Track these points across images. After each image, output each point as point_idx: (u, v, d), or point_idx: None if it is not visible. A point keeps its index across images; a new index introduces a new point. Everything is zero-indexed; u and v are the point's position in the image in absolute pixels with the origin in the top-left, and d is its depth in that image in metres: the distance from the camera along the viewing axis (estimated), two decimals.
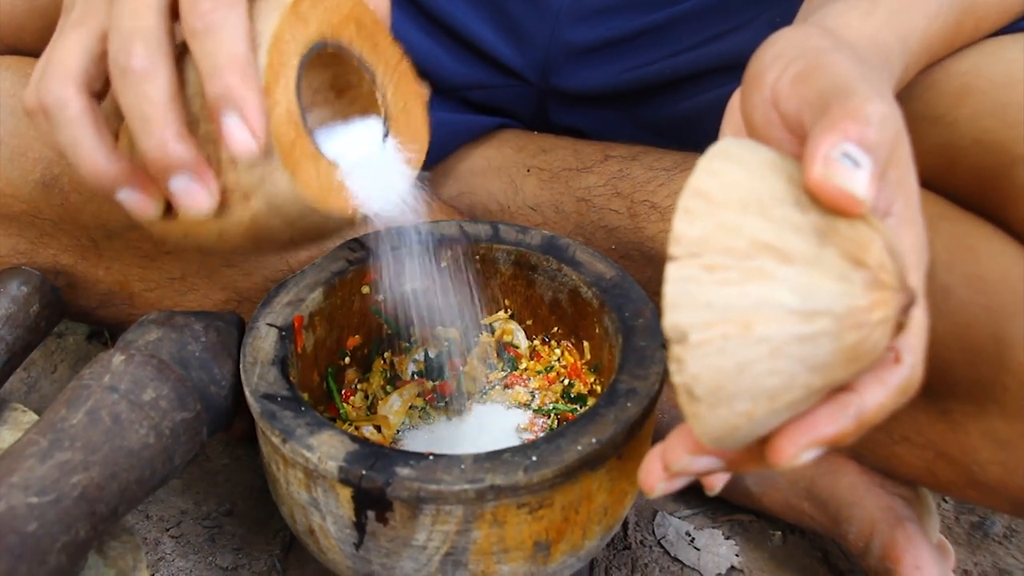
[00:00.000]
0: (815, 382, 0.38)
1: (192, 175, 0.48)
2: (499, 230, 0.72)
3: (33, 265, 0.74)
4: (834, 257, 0.37)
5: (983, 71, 0.61)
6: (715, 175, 0.39)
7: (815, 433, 0.39)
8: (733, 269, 0.37)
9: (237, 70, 0.46)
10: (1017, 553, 0.82)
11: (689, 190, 0.39)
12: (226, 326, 0.65)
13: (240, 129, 0.46)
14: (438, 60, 0.88)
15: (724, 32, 0.83)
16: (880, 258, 0.37)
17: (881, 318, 0.37)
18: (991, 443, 0.61)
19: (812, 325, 0.37)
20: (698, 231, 0.38)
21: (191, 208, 0.48)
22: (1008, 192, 0.58)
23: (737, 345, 0.37)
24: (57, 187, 0.71)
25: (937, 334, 0.60)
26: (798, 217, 0.38)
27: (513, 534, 0.55)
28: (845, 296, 0.37)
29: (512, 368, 0.73)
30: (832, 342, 0.37)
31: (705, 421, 0.39)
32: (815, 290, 0.37)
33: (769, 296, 0.37)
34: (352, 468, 0.52)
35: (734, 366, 0.37)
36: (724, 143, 0.41)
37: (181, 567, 0.75)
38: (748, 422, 0.38)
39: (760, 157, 0.40)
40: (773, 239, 0.37)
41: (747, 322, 0.37)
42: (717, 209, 0.38)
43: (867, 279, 0.37)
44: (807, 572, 0.78)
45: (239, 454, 0.85)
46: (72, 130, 0.48)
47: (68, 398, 0.58)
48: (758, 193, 0.38)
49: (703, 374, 0.38)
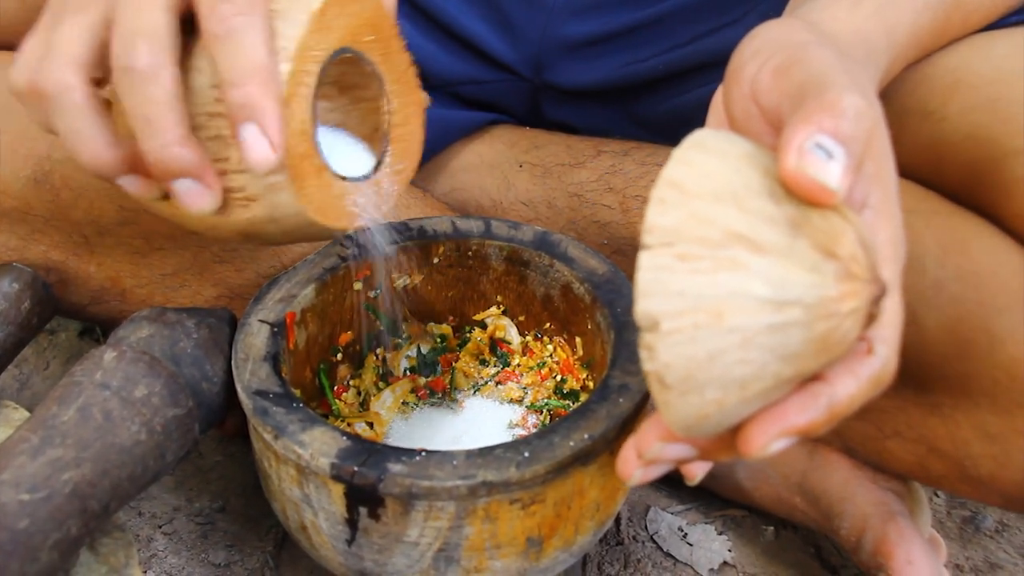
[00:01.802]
0: (786, 372, 0.38)
1: (196, 178, 0.47)
2: (491, 226, 0.72)
3: (24, 262, 0.74)
4: (806, 248, 0.38)
5: (973, 66, 0.61)
6: (690, 166, 0.39)
7: (785, 423, 0.39)
8: (706, 259, 0.37)
9: (259, 80, 0.45)
10: (1008, 547, 0.82)
11: (663, 180, 0.39)
12: (218, 322, 0.65)
13: (259, 140, 0.46)
14: (430, 55, 0.88)
15: (717, 27, 0.83)
16: (852, 249, 0.38)
17: (851, 309, 0.38)
18: (983, 437, 0.61)
19: (783, 315, 0.37)
20: (671, 221, 0.38)
21: (191, 207, 0.48)
22: (999, 186, 0.58)
23: (708, 334, 0.37)
24: (48, 183, 0.70)
25: (929, 328, 0.60)
26: (772, 208, 0.38)
27: (505, 530, 0.55)
28: (816, 287, 0.37)
29: (504, 364, 0.73)
30: (803, 332, 0.37)
31: (675, 409, 0.39)
32: (786, 280, 0.37)
33: (741, 286, 0.37)
34: (344, 464, 0.52)
35: (705, 355, 0.38)
36: (700, 134, 0.41)
37: (173, 564, 0.75)
38: (718, 411, 0.39)
39: (736, 149, 0.40)
40: (746, 230, 0.38)
41: (719, 311, 0.37)
42: (691, 199, 0.38)
43: (838, 270, 0.38)
44: (799, 567, 0.78)
45: (232, 451, 0.85)
46: (74, 118, 0.47)
47: (60, 395, 0.58)
48: (732, 184, 0.38)
49: (674, 362, 0.38)
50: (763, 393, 0.38)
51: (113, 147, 0.48)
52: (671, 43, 0.84)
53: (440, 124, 0.89)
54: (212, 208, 0.48)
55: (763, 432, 0.39)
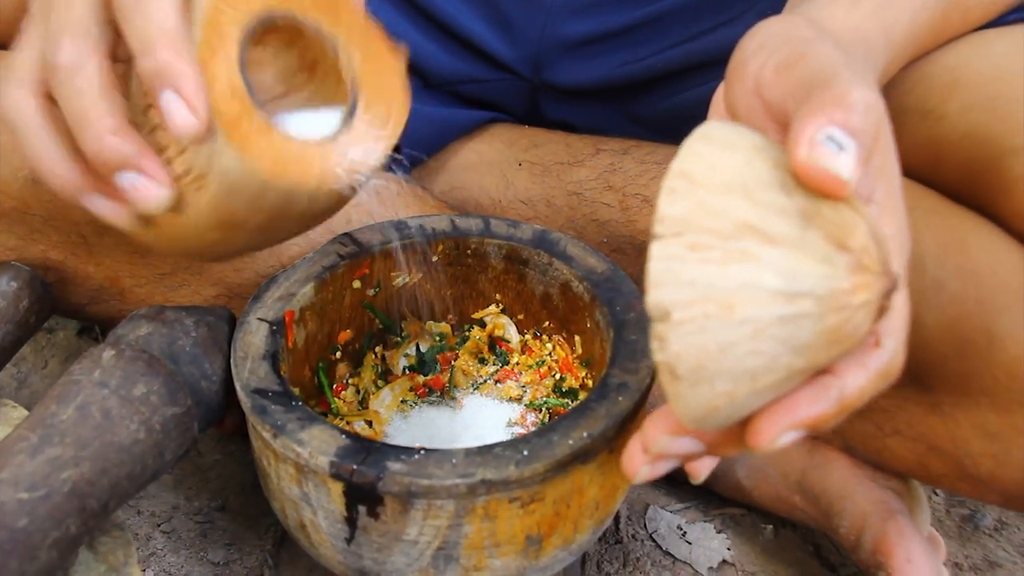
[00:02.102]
0: (797, 363, 0.38)
1: (138, 169, 0.46)
2: (490, 224, 0.72)
3: (23, 261, 0.74)
4: (818, 240, 0.37)
5: (972, 65, 0.61)
6: (699, 157, 0.39)
7: (795, 415, 0.39)
8: (716, 249, 0.37)
9: (169, 44, 0.44)
10: (1007, 545, 0.82)
11: (673, 171, 0.39)
12: (217, 321, 0.65)
13: (178, 105, 0.45)
14: (429, 54, 0.88)
15: (716, 26, 0.83)
16: (864, 242, 0.38)
17: (863, 301, 0.38)
18: (982, 436, 0.61)
19: (795, 307, 0.37)
20: (681, 211, 0.38)
21: (144, 202, 0.47)
22: (998, 185, 0.58)
23: (719, 325, 0.37)
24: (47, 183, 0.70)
25: (928, 327, 0.60)
26: (783, 200, 0.38)
27: (505, 528, 0.55)
28: (828, 279, 0.37)
29: (503, 363, 0.73)
30: (814, 324, 0.37)
31: (686, 400, 0.39)
32: (798, 272, 0.37)
33: (752, 277, 0.37)
34: (343, 463, 0.52)
35: (716, 346, 0.37)
36: (709, 126, 0.41)
37: (172, 562, 0.75)
38: (729, 403, 0.39)
39: (745, 141, 0.40)
40: (757, 221, 0.37)
41: (730, 303, 0.37)
42: (700, 190, 0.38)
43: (850, 262, 0.37)
44: (799, 565, 0.78)
45: (231, 449, 0.85)
46: (28, 136, 0.47)
47: (58, 394, 0.58)
48: (742, 175, 0.38)
49: (685, 353, 0.38)
50: (774, 385, 0.38)
51: (69, 163, 0.47)
52: (670, 42, 0.84)
53: (439, 123, 0.89)
54: (163, 197, 0.47)
55: (773, 424, 0.39)
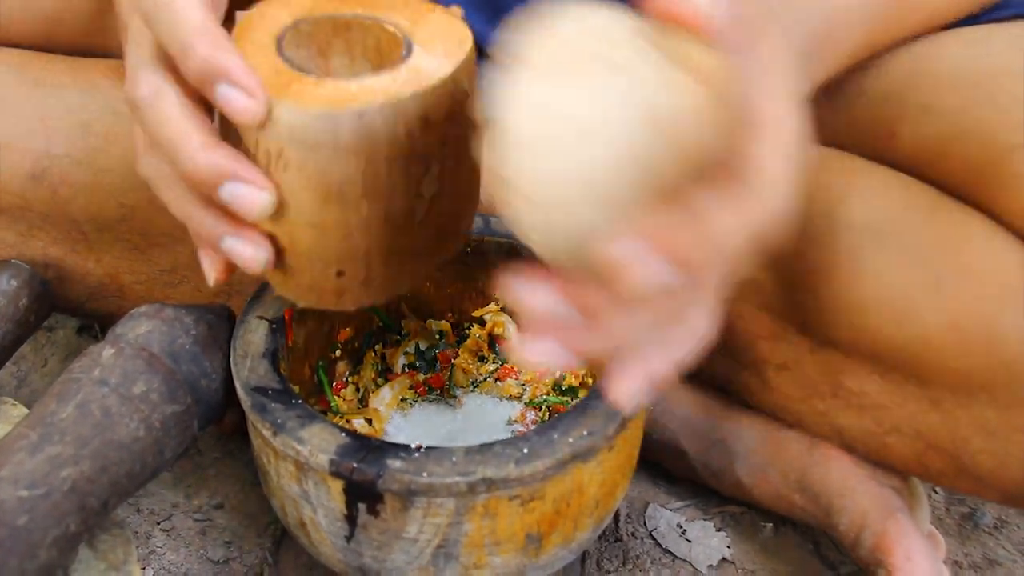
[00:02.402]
0: (643, 178, 0.38)
1: (236, 177, 0.46)
2: (490, 222, 0.72)
3: (22, 258, 0.73)
4: (663, 61, 0.38)
5: (972, 62, 0.61)
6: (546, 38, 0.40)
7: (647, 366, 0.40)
8: (561, 74, 0.38)
9: (206, 41, 0.45)
10: (1007, 544, 0.82)
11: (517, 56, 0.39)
12: (217, 319, 0.65)
13: (236, 94, 0.45)
14: None
15: None
16: (708, 63, 0.38)
17: (708, 118, 0.38)
18: (982, 433, 0.61)
19: (640, 121, 0.37)
20: (534, 53, 0.39)
21: (249, 208, 0.47)
22: (999, 182, 0.58)
23: (565, 143, 0.37)
24: (46, 180, 0.70)
25: (928, 324, 0.60)
26: (634, 40, 0.39)
27: (504, 526, 0.55)
28: (671, 93, 0.38)
29: (503, 361, 0.73)
30: (657, 137, 0.37)
31: (529, 216, 0.39)
32: (642, 88, 0.38)
33: (596, 94, 0.37)
34: (343, 461, 0.52)
35: (561, 160, 0.37)
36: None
37: (172, 560, 0.75)
38: (573, 220, 0.39)
39: (603, 14, 0.40)
40: (606, 51, 0.38)
41: (573, 116, 0.37)
42: (553, 40, 0.39)
43: (694, 80, 0.38)
44: (798, 564, 0.78)
45: (231, 448, 0.85)
46: (162, 192, 0.50)
47: (58, 392, 0.58)
48: (595, 28, 0.39)
49: (522, 167, 0.38)
50: (619, 202, 0.38)
51: (201, 208, 0.48)
52: None
53: None
54: (268, 202, 0.47)
55: (629, 376, 0.40)
